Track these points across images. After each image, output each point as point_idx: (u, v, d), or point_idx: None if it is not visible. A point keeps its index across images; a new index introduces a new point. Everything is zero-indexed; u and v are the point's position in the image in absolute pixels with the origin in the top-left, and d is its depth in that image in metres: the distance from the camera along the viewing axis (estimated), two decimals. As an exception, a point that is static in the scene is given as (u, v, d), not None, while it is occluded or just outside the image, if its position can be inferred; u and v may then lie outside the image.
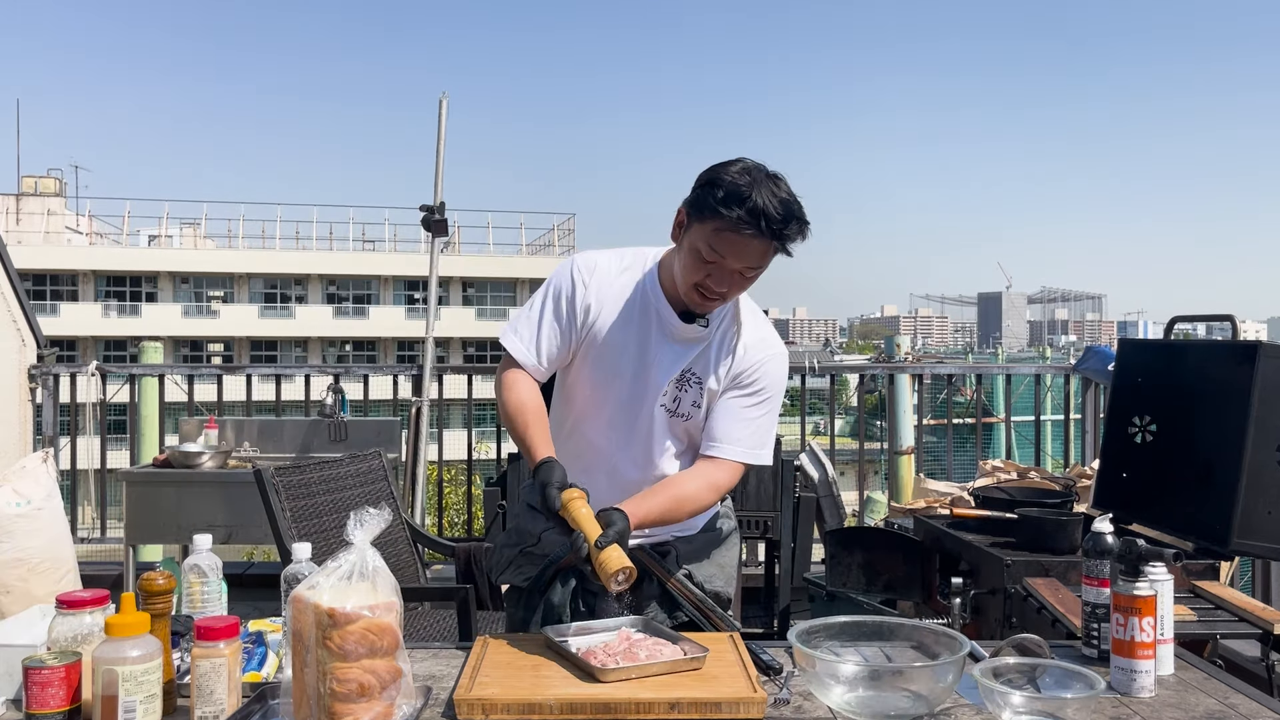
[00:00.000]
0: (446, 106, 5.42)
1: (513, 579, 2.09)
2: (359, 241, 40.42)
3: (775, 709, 1.56)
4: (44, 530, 3.99)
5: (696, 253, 1.83)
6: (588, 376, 2.00)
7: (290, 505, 2.91)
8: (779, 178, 1.83)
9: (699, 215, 1.82)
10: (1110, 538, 1.78)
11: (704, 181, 1.83)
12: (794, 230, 1.80)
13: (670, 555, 2.02)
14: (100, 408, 5.42)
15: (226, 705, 1.44)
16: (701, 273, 1.84)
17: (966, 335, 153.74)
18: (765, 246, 1.81)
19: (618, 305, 1.97)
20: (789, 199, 1.80)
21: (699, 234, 1.82)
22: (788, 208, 1.78)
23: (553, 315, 1.98)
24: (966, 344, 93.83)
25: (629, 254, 2.02)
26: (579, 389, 2.02)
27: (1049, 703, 1.46)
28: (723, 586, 2.08)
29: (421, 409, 5.29)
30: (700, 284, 1.85)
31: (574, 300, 1.97)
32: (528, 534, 2.08)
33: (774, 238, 1.79)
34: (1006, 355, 33.08)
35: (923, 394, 6.22)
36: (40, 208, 37.76)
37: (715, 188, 1.79)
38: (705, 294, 1.87)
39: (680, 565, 2.03)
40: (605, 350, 1.97)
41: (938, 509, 3.63)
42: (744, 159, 1.84)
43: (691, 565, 2.04)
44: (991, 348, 55.85)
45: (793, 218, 1.79)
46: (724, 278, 1.84)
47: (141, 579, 1.59)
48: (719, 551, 2.12)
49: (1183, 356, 3.00)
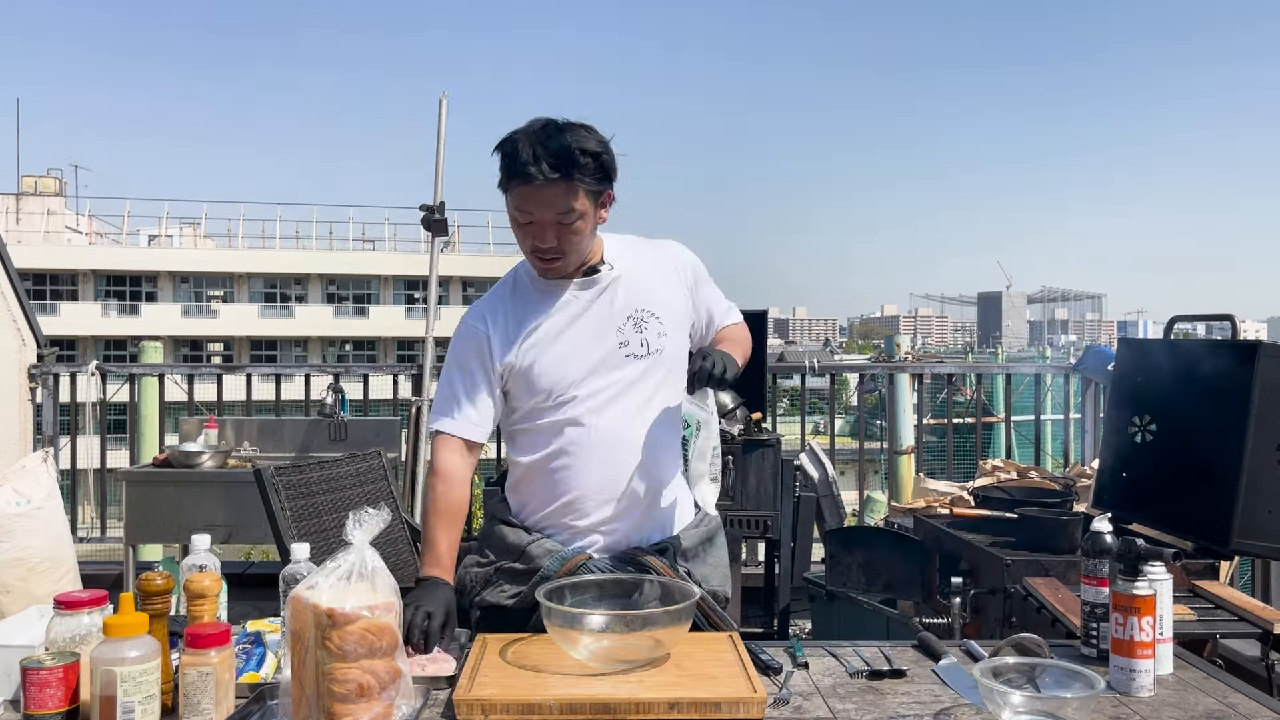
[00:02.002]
0: (446, 106, 5.42)
1: (494, 597, 2.01)
2: (359, 241, 40.52)
3: (775, 709, 1.56)
4: (44, 530, 3.99)
5: (515, 221, 1.91)
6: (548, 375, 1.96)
7: (290, 505, 2.91)
8: (566, 124, 1.87)
9: (503, 188, 1.89)
10: (1109, 537, 1.78)
11: (496, 155, 1.89)
12: (580, 162, 1.83)
13: (669, 553, 2.01)
14: (100, 407, 5.42)
15: (215, 717, 1.42)
16: (527, 237, 1.90)
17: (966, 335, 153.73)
18: (561, 188, 1.83)
19: (520, 313, 1.99)
20: (566, 140, 1.83)
21: (509, 204, 1.90)
22: (563, 145, 1.82)
23: (459, 372, 2.01)
24: (966, 344, 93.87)
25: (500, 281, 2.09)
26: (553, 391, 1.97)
27: (1049, 702, 1.46)
28: (718, 586, 2.07)
29: (421, 408, 5.29)
30: (532, 249, 1.91)
31: (479, 344, 1.99)
32: (507, 549, 2.02)
33: (559, 175, 1.82)
34: (1006, 355, 33.06)
35: (923, 394, 6.22)
36: (40, 207, 37.81)
37: (500, 155, 1.87)
38: (541, 256, 1.92)
39: (679, 563, 2.02)
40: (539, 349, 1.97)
41: (938, 509, 3.63)
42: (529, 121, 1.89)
43: (689, 564, 2.04)
44: (991, 347, 55.82)
45: (564, 149, 1.82)
46: (544, 232, 1.88)
47: (140, 579, 1.59)
48: (711, 550, 2.11)
49: (1183, 356, 3.00)
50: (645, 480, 1.99)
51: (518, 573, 1.99)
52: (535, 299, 2.00)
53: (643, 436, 1.99)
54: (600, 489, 1.97)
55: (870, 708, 1.57)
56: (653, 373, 2.00)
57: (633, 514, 1.99)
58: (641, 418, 1.99)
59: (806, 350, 35.00)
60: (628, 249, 2.05)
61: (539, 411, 1.99)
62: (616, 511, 1.98)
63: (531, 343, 1.97)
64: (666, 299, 2.04)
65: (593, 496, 1.97)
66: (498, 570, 2.02)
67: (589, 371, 1.96)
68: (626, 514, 1.99)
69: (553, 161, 1.81)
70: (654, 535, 2.03)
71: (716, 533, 2.15)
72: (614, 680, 1.58)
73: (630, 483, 1.98)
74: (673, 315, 2.04)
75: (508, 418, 2.06)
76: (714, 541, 2.13)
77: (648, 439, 1.99)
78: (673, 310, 2.04)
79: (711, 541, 2.12)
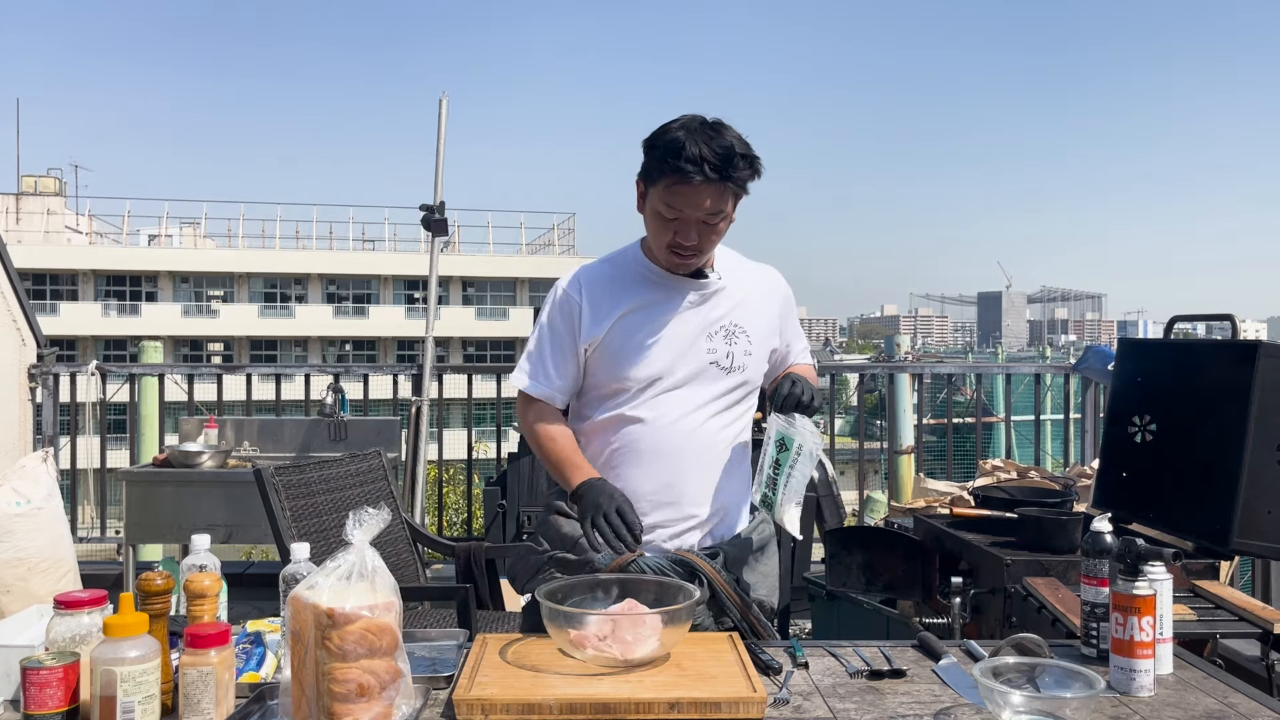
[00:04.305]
0: (446, 106, 5.42)
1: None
2: (359, 241, 40.46)
3: (775, 709, 1.56)
4: (44, 530, 4.00)
5: (658, 215, 1.90)
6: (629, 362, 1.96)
7: (290, 505, 2.91)
8: (718, 124, 1.88)
9: (650, 179, 1.90)
10: (1109, 537, 1.78)
11: (647, 147, 1.90)
12: (740, 166, 1.86)
13: (719, 558, 1.99)
14: (100, 407, 5.42)
15: (214, 717, 1.42)
16: (669, 232, 1.90)
17: (966, 335, 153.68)
18: (717, 189, 1.85)
19: (620, 294, 2.00)
20: (727, 139, 1.85)
21: (655, 197, 1.89)
22: (726, 147, 1.84)
23: (550, 336, 2.03)
24: (966, 343, 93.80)
25: (610, 255, 2.09)
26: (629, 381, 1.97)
27: (1049, 702, 1.46)
28: (765, 595, 2.06)
29: (421, 408, 5.29)
30: (671, 243, 1.91)
31: (569, 311, 2.01)
32: (563, 539, 2.03)
33: (722, 178, 1.84)
34: (1006, 355, 33.08)
35: (923, 394, 6.22)
36: (40, 207, 37.76)
37: (655, 148, 1.87)
38: (678, 252, 1.92)
39: (729, 570, 2.00)
40: (627, 332, 1.97)
41: (938, 508, 3.63)
42: (681, 117, 1.90)
43: (738, 572, 2.02)
44: (991, 347, 55.83)
45: (733, 154, 1.84)
46: (689, 230, 1.89)
47: (140, 579, 1.59)
48: (762, 559, 2.10)
49: (1183, 356, 3.00)
50: (705, 490, 1.99)
51: (569, 563, 1.99)
52: (636, 284, 2.01)
53: (709, 446, 2.00)
54: (657, 491, 1.96)
55: (870, 708, 1.57)
56: (731, 387, 2.01)
57: (688, 520, 1.99)
58: (708, 427, 1.99)
59: (806, 350, 34.87)
60: (735, 263, 2.08)
61: (611, 398, 1.99)
62: (672, 516, 1.98)
63: (622, 323, 1.98)
64: (760, 320, 2.05)
65: (649, 497, 1.96)
66: (550, 559, 2.02)
67: (669, 368, 1.97)
68: (682, 520, 1.99)
69: (716, 163, 1.83)
70: (706, 541, 2.02)
71: (769, 542, 2.14)
72: (614, 680, 1.58)
73: (689, 490, 1.97)
74: (761, 337, 2.05)
75: (580, 400, 2.07)
76: (766, 550, 2.12)
77: (714, 450, 2.00)
78: (762, 332, 2.06)
79: (764, 550, 2.11)
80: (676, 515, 1.98)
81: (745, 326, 2.02)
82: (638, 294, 1.99)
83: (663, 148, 1.85)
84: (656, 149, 1.86)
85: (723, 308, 2.01)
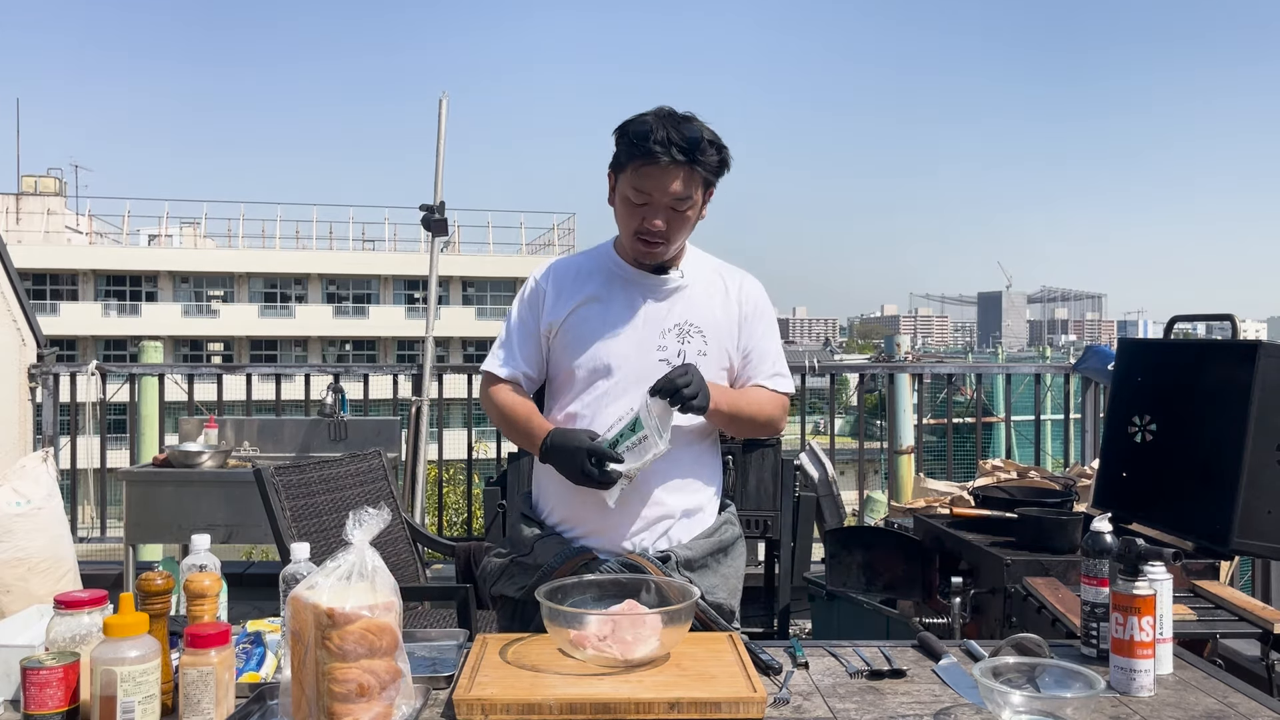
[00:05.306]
0: (446, 106, 5.42)
1: (505, 589, 2.06)
2: (359, 241, 40.46)
3: (775, 709, 1.56)
4: (44, 530, 4.00)
5: (627, 201, 1.94)
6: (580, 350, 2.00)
7: (290, 505, 2.91)
8: (688, 114, 1.93)
9: (619, 166, 1.94)
10: (1109, 537, 1.78)
11: (618, 135, 1.93)
12: (707, 151, 1.90)
13: (670, 562, 1.98)
14: (100, 407, 5.42)
15: (214, 717, 1.42)
16: (636, 217, 1.93)
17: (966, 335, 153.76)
18: (685, 172, 1.89)
19: (583, 283, 2.04)
20: (696, 127, 1.90)
21: (625, 182, 1.93)
22: (694, 132, 1.88)
23: (516, 322, 2.08)
24: (966, 343, 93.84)
25: (588, 250, 2.14)
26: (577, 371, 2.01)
27: (1049, 702, 1.46)
28: (725, 599, 2.04)
29: (421, 408, 5.29)
30: (639, 229, 1.94)
31: (535, 297, 2.07)
32: (520, 542, 2.06)
33: (689, 160, 1.87)
34: (1006, 355, 33.08)
35: (923, 393, 6.22)
36: (40, 207, 37.76)
37: (625, 135, 1.91)
38: (645, 239, 1.95)
39: (681, 573, 1.98)
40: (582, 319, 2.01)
41: (938, 508, 3.63)
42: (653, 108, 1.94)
43: (694, 574, 1.99)
44: (991, 347, 55.86)
45: (701, 140, 1.88)
46: (657, 213, 1.92)
47: (140, 579, 1.58)
48: (724, 561, 2.08)
49: (1183, 356, 3.00)
50: (655, 491, 1.98)
51: (526, 567, 2.02)
52: (601, 276, 2.05)
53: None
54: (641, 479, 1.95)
55: (870, 708, 1.57)
56: None
57: (636, 521, 1.98)
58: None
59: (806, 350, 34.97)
60: (705, 265, 2.10)
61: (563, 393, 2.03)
62: (621, 517, 1.97)
63: (579, 311, 2.02)
64: (719, 321, 2.05)
65: (597, 497, 1.94)
66: (512, 562, 2.06)
67: (617, 362, 1.98)
68: (631, 520, 1.98)
69: (682, 145, 1.86)
70: (660, 544, 2.01)
71: (731, 544, 2.11)
72: (614, 680, 1.58)
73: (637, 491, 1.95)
74: (719, 339, 2.04)
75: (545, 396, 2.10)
76: (728, 553, 2.10)
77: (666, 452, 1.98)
78: (720, 334, 2.05)
79: (725, 553, 2.09)
80: (625, 518, 1.97)
81: (702, 327, 2.02)
82: (600, 285, 2.03)
83: (632, 133, 1.89)
84: (626, 135, 1.91)
85: (681, 306, 2.02)
